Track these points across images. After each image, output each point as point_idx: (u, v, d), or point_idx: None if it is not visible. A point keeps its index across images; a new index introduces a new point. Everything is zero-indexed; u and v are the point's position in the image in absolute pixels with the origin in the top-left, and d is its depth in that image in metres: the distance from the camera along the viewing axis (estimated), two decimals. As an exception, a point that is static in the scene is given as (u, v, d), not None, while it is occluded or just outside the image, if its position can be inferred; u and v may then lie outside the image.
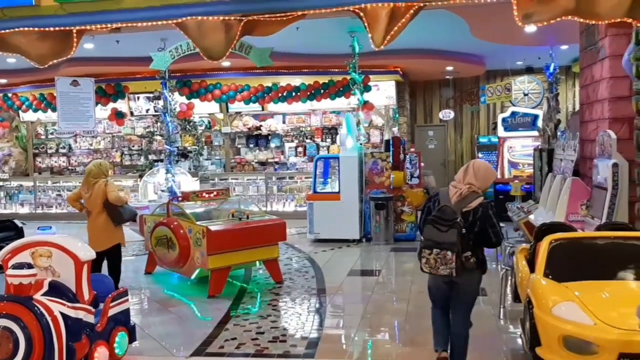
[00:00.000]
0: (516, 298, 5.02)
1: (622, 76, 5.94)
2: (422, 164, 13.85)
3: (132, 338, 4.58)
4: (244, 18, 4.80)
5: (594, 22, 5.10)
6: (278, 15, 4.70)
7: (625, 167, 5.54)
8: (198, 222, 6.57)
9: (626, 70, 5.59)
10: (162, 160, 12.42)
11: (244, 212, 6.92)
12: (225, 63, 12.19)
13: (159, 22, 5.16)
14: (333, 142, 14.03)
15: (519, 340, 4.64)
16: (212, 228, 6.36)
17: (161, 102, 11.25)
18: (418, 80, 16.38)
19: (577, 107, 12.46)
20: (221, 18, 4.85)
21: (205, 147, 14.61)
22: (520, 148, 12.58)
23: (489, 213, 3.74)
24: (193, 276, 6.69)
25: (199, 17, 4.89)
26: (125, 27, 5.41)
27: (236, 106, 13.80)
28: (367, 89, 11.64)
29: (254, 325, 5.45)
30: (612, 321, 3.29)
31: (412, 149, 14.44)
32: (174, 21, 5.01)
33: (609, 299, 3.50)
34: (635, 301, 3.53)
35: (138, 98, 14.35)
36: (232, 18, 4.80)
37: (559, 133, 8.82)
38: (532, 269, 4.29)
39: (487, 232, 3.70)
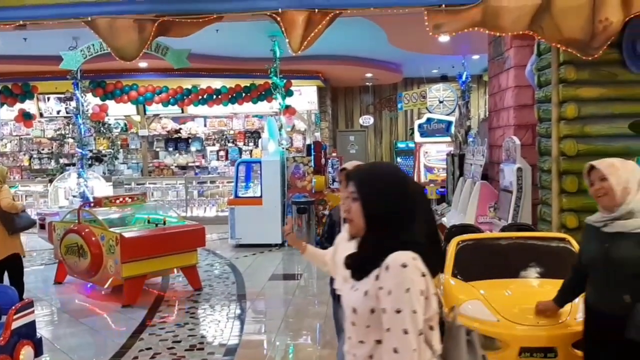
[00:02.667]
0: (429, 298, 5.19)
1: (525, 85, 6.32)
2: (344, 168, 14.11)
3: (38, 352, 4.33)
4: (158, 18, 4.68)
5: (499, 34, 5.41)
6: (193, 17, 4.63)
7: (529, 172, 5.90)
8: (111, 229, 6.32)
9: (529, 79, 5.95)
10: (74, 164, 11.85)
11: (160, 217, 6.74)
12: (142, 64, 11.84)
13: (68, 20, 4.93)
14: (256, 146, 13.97)
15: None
16: (126, 235, 6.14)
17: (73, 103, 10.74)
18: (339, 86, 16.67)
19: (487, 114, 13.15)
20: (134, 18, 4.71)
21: (121, 150, 14.10)
22: (435, 153, 13.11)
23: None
24: (106, 285, 6.42)
25: (110, 16, 4.72)
26: (31, 24, 5.13)
27: (154, 108, 13.43)
28: (289, 93, 11.69)
29: (170, 334, 5.31)
30: (514, 317, 3.47)
31: (334, 154, 14.67)
32: (83, 20, 4.80)
33: (512, 296, 3.68)
34: (535, 298, 3.76)
35: (48, 99, 13.64)
36: (146, 18, 4.68)
37: (469, 139, 9.27)
38: (443, 270, 4.46)
39: None
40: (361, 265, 1.77)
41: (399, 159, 15.77)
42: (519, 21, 4.51)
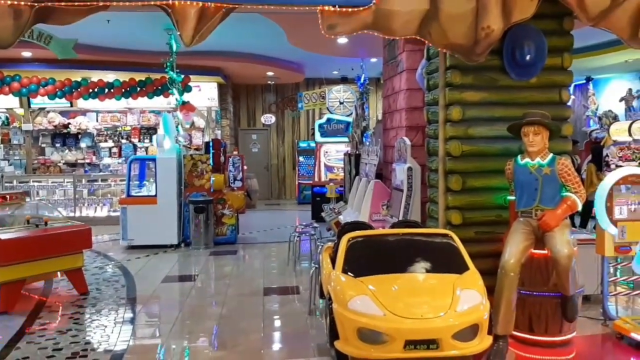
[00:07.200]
0: (322, 294, 5.25)
1: (416, 88, 6.58)
2: (246, 167, 14.01)
3: None
4: (36, 4, 4.34)
5: (391, 37, 5.58)
6: (75, 3, 4.34)
7: (418, 171, 6.14)
8: (-16, 230, 5.80)
9: (419, 83, 6.19)
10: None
11: (41, 217, 6.28)
12: (26, 53, 11.02)
13: None
14: (152, 142, 13.47)
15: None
16: (1, 236, 5.67)
17: (-56, 94, 9.76)
18: (241, 84, 16.50)
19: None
20: (9, 2, 4.33)
21: (2, 146, 13.02)
22: (335, 153, 13.40)
23: None
24: (-22, 292, 5.88)
25: (-19, -1, 4.31)
26: None
27: (40, 101, 12.52)
28: (187, 89, 11.35)
29: (50, 342, 4.96)
30: (399, 311, 3.59)
31: (235, 152, 14.51)
32: (-50, 1, 4.34)
33: (398, 291, 3.81)
34: (420, 291, 3.91)
35: None
36: (22, 3, 4.32)
37: (365, 139, 9.53)
38: (335, 266, 4.52)
39: None
40: None
41: (300, 158, 15.89)
42: (408, 25, 4.65)
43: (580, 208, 4.45)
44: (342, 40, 9.97)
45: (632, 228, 4.78)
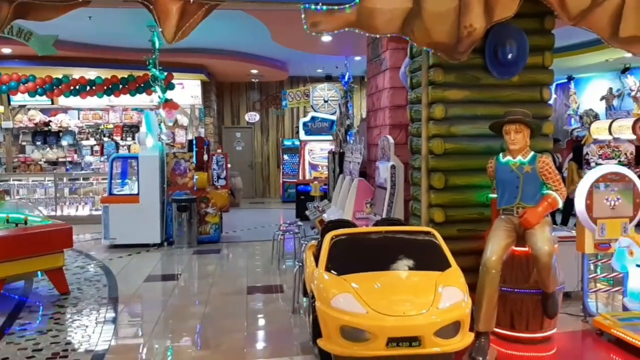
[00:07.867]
0: (306, 293, 5.25)
1: (400, 87, 6.60)
2: (229, 165, 13.95)
3: None
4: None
5: (374, 35, 5.58)
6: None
7: (401, 169, 6.16)
8: (-38, 230, 5.71)
9: (402, 81, 6.21)
10: None
11: (20, 216, 6.20)
12: (6, 49, 10.84)
13: None
14: (134, 140, 13.35)
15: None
16: (-20, 236, 5.58)
17: None
18: (224, 81, 16.42)
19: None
20: (-14, -3, 4.27)
21: (-19, 144, 12.83)
22: (319, 151, 13.39)
23: None
24: (-45, 292, 5.79)
25: (-43, -7, 4.24)
26: None
27: (20, 98, 12.34)
28: (170, 86, 11.25)
29: (30, 342, 4.89)
30: (382, 309, 3.59)
31: (219, 150, 14.43)
32: None
33: (381, 288, 3.81)
34: (402, 289, 3.93)
35: None
36: (0, -2, 4.26)
37: (349, 137, 9.54)
38: (318, 264, 4.52)
39: None
40: None
41: (285, 156, 15.86)
42: (391, 23, 4.65)
43: (561, 206, 4.50)
44: (326, 38, 9.97)
45: (612, 225, 4.85)
